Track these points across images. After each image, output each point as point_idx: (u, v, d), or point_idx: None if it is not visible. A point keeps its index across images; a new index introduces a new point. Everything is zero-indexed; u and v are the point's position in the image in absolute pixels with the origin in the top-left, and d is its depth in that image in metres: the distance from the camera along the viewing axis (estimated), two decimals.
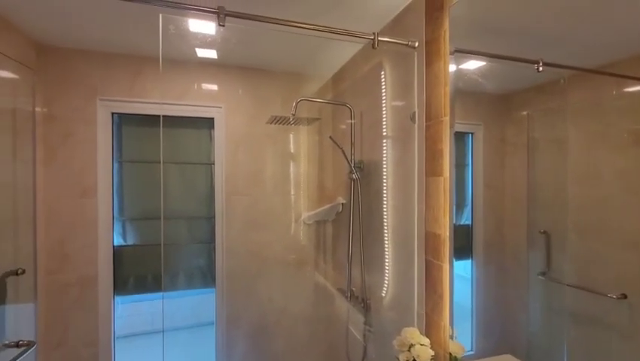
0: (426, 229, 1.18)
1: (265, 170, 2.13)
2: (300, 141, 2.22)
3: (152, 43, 1.71)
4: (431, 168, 1.15)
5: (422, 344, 1.09)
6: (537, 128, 0.91)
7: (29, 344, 1.40)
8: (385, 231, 1.47)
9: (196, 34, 1.58)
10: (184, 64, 1.91)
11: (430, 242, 1.16)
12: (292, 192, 2.20)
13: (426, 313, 1.18)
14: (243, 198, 2.07)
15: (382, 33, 1.24)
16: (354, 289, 1.78)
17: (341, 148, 1.65)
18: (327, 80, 2.18)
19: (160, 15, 1.16)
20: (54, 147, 1.74)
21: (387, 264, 1.46)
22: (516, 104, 0.97)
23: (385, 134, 1.49)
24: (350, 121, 1.75)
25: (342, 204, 1.97)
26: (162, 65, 1.87)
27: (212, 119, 2.03)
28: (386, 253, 1.46)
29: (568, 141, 0.83)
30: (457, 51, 1.06)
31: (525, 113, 0.94)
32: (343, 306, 1.93)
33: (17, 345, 1.39)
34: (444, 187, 1.08)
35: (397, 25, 1.38)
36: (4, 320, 1.38)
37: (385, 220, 1.47)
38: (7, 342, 1.37)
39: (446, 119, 1.07)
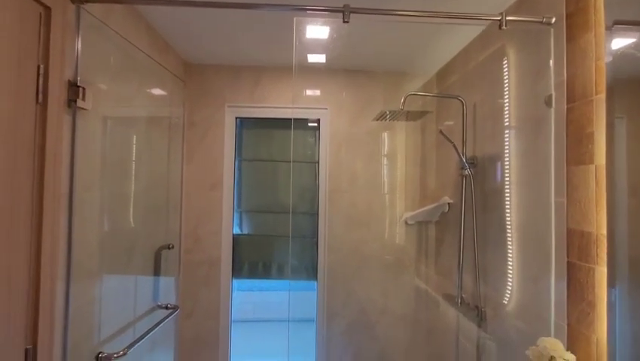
0: (568, 227, 1.02)
1: (366, 169, 2.16)
2: (401, 140, 2.19)
3: (269, 54, 1.93)
4: (576, 155, 1.00)
5: (565, 360, 0.94)
6: None
7: (175, 308, 1.69)
8: (509, 231, 1.32)
9: (309, 41, 1.72)
10: (297, 70, 2.08)
11: (574, 242, 1.00)
12: (393, 192, 2.17)
13: (569, 324, 1.01)
14: (344, 196, 2.13)
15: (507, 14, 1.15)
16: (464, 295, 1.65)
17: (452, 143, 1.57)
18: (431, 76, 2.11)
19: (295, 19, 1.30)
20: (193, 148, 2.09)
21: (510, 268, 1.31)
22: None
23: (507, 124, 1.36)
24: (461, 115, 1.65)
25: (449, 204, 1.86)
26: (276, 72, 2.09)
27: (318, 120, 2.15)
28: (509, 255, 1.31)
29: None
30: (617, 23, 0.91)
31: None
32: (451, 313, 1.79)
33: (166, 307, 1.68)
34: (597, 176, 0.92)
35: (523, 4, 1.26)
36: (158, 285, 1.69)
37: (507, 219, 1.33)
38: (159, 303, 1.67)
39: (599, 97, 0.92)
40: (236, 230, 2.19)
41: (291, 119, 2.16)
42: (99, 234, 1.25)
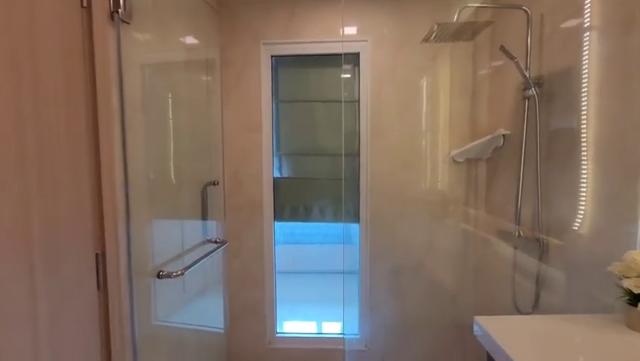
0: None
1: (411, 105, 2.02)
2: (448, 72, 2.01)
3: None
4: None
5: None
6: None
7: (223, 242, 1.73)
8: (583, 148, 1.18)
9: None
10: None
11: None
12: (439, 129, 2.03)
13: None
14: (387, 136, 2.02)
15: None
16: (521, 230, 1.54)
17: (514, 59, 1.40)
18: None
19: None
20: (230, 89, 2.04)
21: (584, 189, 1.18)
22: None
23: (587, 24, 1.17)
24: (525, 28, 1.46)
25: (505, 136, 1.71)
26: (311, 2, 1.95)
27: (358, 54, 2.02)
28: (583, 175, 1.18)
29: None
30: None
31: None
32: (504, 250, 1.71)
33: (215, 242, 1.73)
34: None
35: None
36: (206, 221, 1.73)
37: (583, 136, 1.19)
38: (209, 238, 1.72)
39: None
40: (276, 173, 2.18)
41: (328, 55, 2.04)
42: (148, 159, 1.26)
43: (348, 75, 2.12)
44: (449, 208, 2.06)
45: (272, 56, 2.06)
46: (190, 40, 1.65)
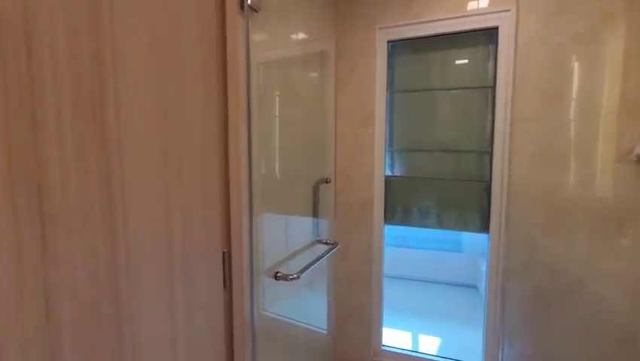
0: None
1: (566, 88, 1.57)
2: (623, 40, 1.48)
3: None
4: None
5: None
6: None
7: (335, 244, 1.63)
8: None
9: None
10: None
11: None
12: (610, 116, 1.52)
13: None
14: (535, 126, 1.61)
15: None
16: None
17: None
18: None
19: None
20: (344, 80, 1.93)
21: None
22: None
23: None
24: None
25: None
26: None
27: (495, 29, 1.66)
28: None
29: None
30: None
31: None
32: None
33: (326, 243, 1.64)
34: None
35: None
36: (317, 220, 1.66)
37: None
38: (319, 238, 1.64)
39: None
40: (387, 172, 1.98)
41: (455, 34, 1.73)
42: (263, 155, 1.22)
43: (480, 56, 1.78)
44: (623, 223, 1.53)
45: (388, 42, 1.86)
46: (308, 31, 1.58)
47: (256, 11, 1.00)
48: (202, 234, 0.81)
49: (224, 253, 0.91)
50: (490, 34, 1.70)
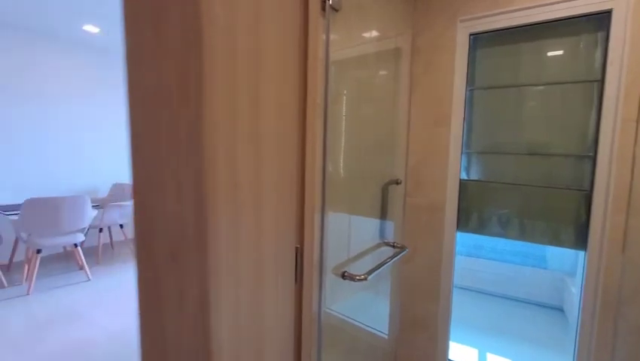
0: None
1: None
2: None
3: None
4: None
5: None
6: None
7: (403, 248, 1.58)
8: None
9: None
10: None
11: None
12: None
13: None
14: None
15: None
16: None
17: None
18: None
19: None
20: (418, 77, 1.85)
21: None
22: None
23: None
24: None
25: None
26: None
27: (607, 12, 1.42)
28: None
29: None
30: None
31: None
32: None
33: (393, 246, 1.60)
34: None
35: None
36: (385, 222, 1.62)
37: None
38: (386, 240, 1.60)
39: None
40: (463, 175, 1.84)
41: (551, 22, 1.53)
42: (334, 153, 1.22)
43: (582, 46, 1.54)
44: None
45: (470, 35, 1.72)
46: (384, 28, 1.54)
47: (336, 11, 1.00)
48: (283, 227, 0.85)
49: (296, 248, 0.94)
50: (599, 20, 1.46)
